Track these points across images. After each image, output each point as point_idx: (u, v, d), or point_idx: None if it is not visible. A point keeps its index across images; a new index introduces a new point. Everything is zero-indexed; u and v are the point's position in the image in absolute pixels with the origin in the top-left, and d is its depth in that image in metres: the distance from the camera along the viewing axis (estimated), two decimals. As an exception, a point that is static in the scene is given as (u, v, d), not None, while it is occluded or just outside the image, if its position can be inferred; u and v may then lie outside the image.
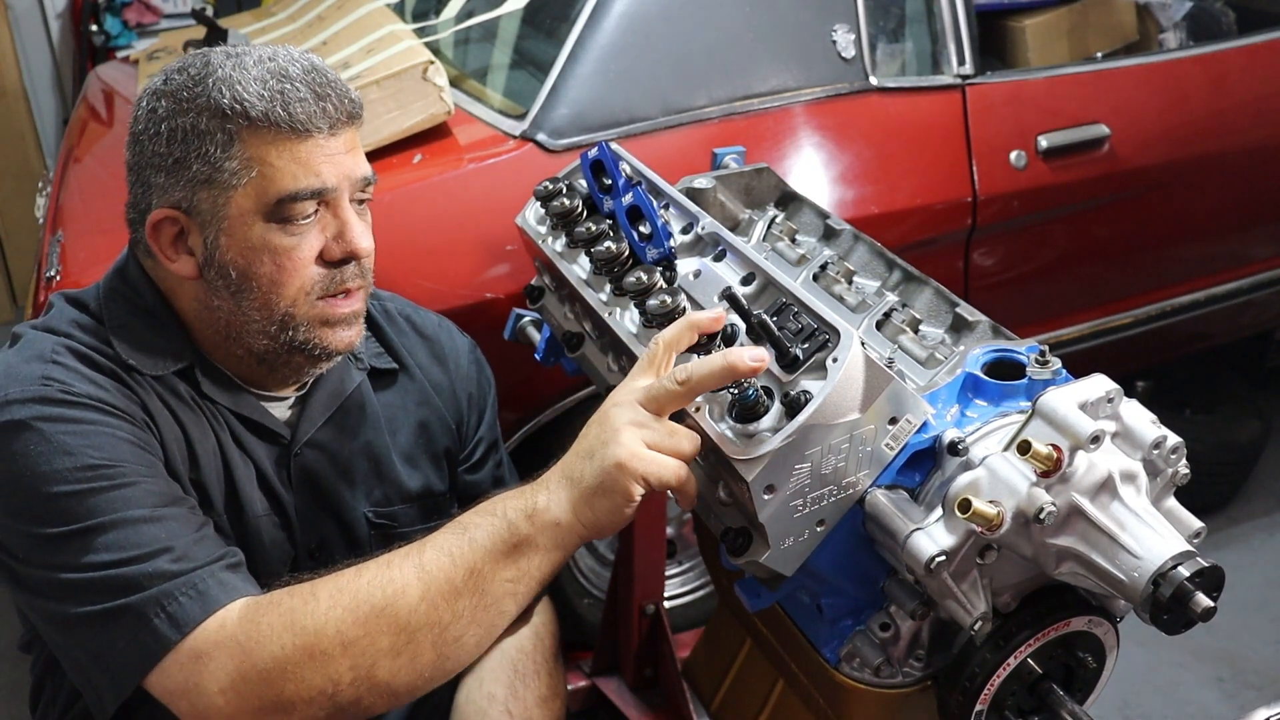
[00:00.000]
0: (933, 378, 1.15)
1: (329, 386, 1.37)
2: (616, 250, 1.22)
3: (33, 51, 4.11)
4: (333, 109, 1.20)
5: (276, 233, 1.20)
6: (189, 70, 1.21)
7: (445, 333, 1.52)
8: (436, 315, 1.54)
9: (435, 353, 1.49)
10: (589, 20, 2.05)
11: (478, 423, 1.53)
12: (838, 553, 1.06)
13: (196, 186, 1.19)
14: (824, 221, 1.46)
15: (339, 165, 1.21)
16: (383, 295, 1.51)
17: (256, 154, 1.18)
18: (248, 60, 1.20)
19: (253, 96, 1.17)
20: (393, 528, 1.41)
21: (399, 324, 1.49)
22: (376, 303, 1.47)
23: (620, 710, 2.04)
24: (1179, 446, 1.02)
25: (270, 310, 1.23)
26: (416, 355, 1.47)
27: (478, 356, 1.55)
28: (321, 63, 1.24)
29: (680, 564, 2.47)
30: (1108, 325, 2.56)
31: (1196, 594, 0.92)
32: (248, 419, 1.31)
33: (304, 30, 2.45)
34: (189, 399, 1.27)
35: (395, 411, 1.44)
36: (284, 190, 1.18)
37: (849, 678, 1.15)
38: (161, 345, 1.26)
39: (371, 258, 1.28)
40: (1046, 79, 2.41)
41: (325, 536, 1.38)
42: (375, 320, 1.45)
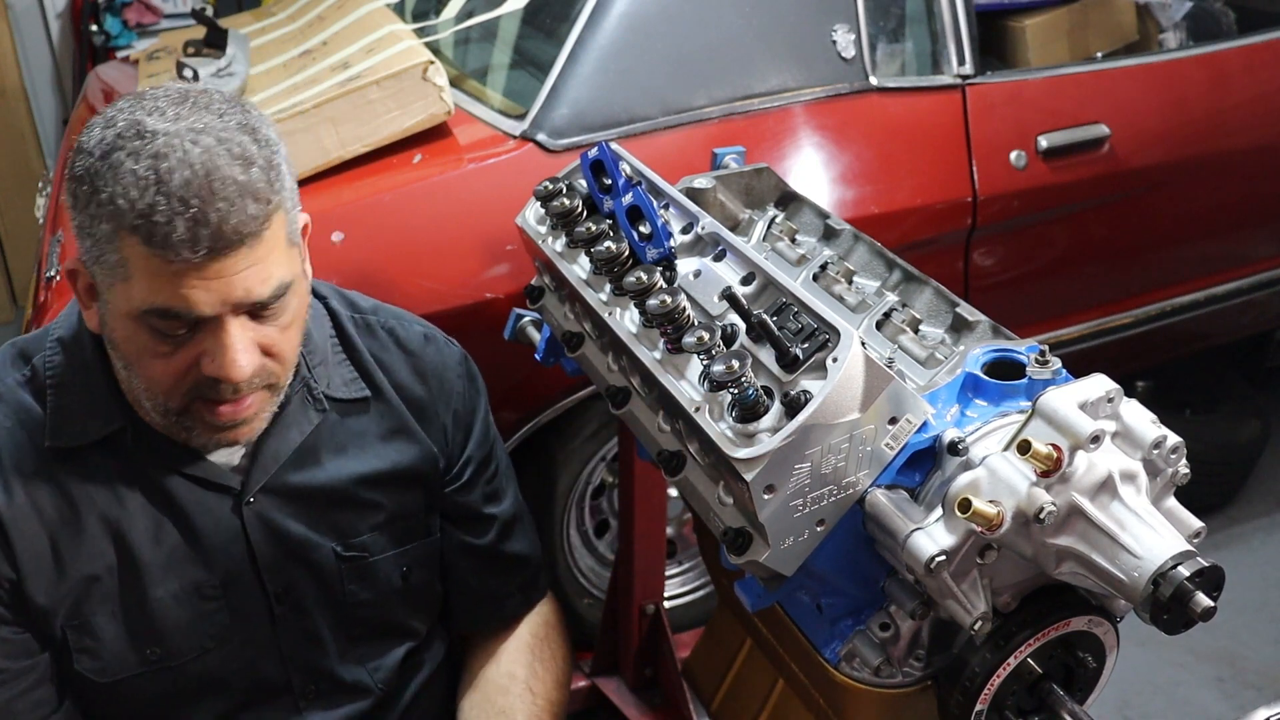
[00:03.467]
0: (933, 378, 1.15)
1: (282, 433, 1.29)
2: (616, 250, 1.22)
3: (33, 51, 4.11)
4: (210, 235, 1.05)
5: (147, 335, 1.12)
6: (106, 135, 1.09)
7: (431, 346, 1.43)
8: (424, 326, 1.46)
9: (418, 368, 1.41)
10: (589, 20, 2.05)
11: (464, 440, 1.44)
12: (838, 553, 1.06)
13: (91, 258, 1.12)
14: (824, 221, 1.46)
15: (216, 291, 1.08)
16: (364, 306, 1.42)
17: (129, 257, 1.08)
18: (149, 146, 1.06)
19: (127, 202, 1.05)
20: (364, 558, 1.36)
21: (380, 338, 1.40)
22: (357, 315, 1.40)
23: (620, 710, 2.04)
24: (1179, 446, 1.02)
25: (152, 395, 1.17)
26: (396, 373, 1.39)
27: (468, 369, 1.46)
28: (222, 167, 1.06)
29: (680, 564, 2.47)
30: (1108, 325, 2.56)
31: (1196, 594, 0.92)
32: (189, 475, 1.26)
33: (304, 30, 2.45)
34: (110, 473, 1.23)
35: (366, 440, 1.36)
36: (146, 305, 1.09)
37: (849, 678, 1.15)
38: (94, 406, 1.21)
39: (263, 364, 1.17)
40: (1046, 79, 2.41)
41: (292, 579, 1.33)
42: (351, 339, 1.37)
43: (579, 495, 2.28)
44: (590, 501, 2.33)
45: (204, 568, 1.27)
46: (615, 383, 1.27)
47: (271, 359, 1.18)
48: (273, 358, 1.18)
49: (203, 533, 1.27)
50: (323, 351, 1.34)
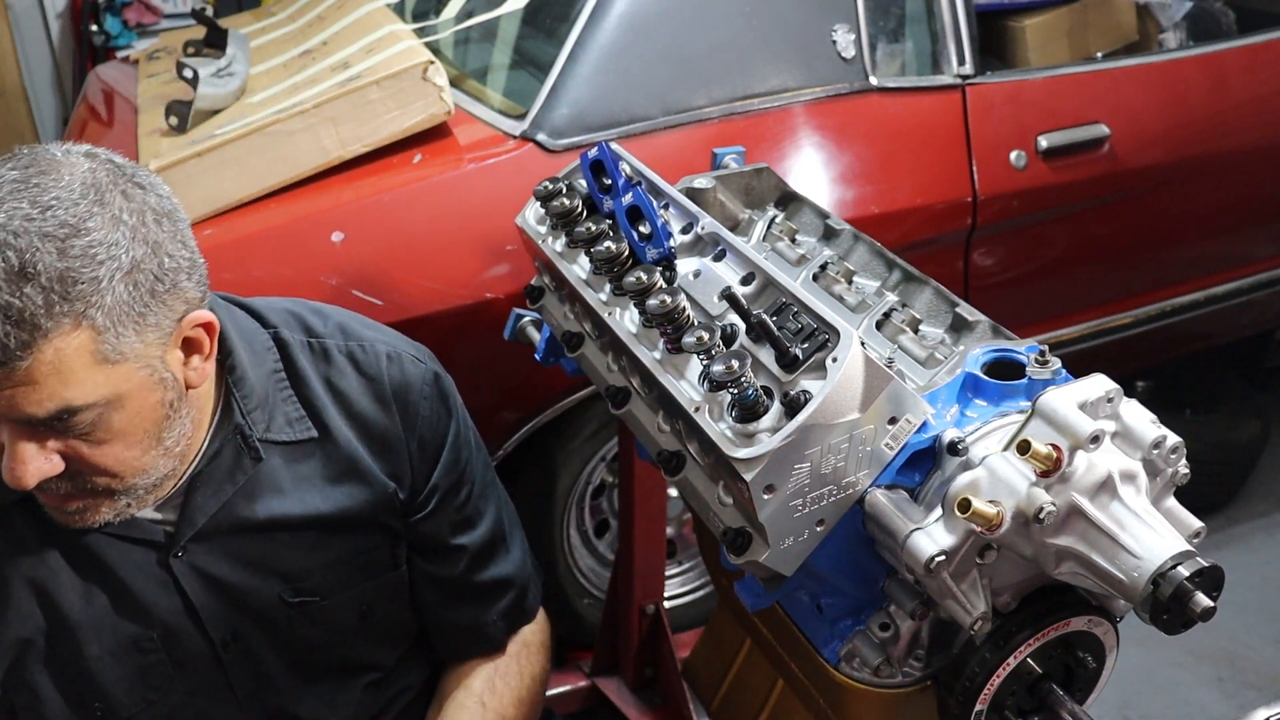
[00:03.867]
0: (932, 378, 1.15)
1: (213, 484, 1.23)
2: (616, 250, 1.22)
3: (33, 51, 4.12)
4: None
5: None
6: None
7: (395, 367, 1.33)
8: (391, 345, 1.35)
9: (379, 394, 1.31)
10: (589, 20, 2.05)
11: (430, 468, 1.34)
12: (837, 552, 1.06)
13: None
14: (824, 221, 1.46)
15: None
16: (323, 329, 1.33)
17: None
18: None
19: None
20: (315, 601, 1.31)
21: (337, 364, 1.31)
22: (314, 339, 1.32)
23: (620, 710, 2.04)
24: (1179, 446, 1.02)
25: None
26: (355, 402, 1.30)
27: (438, 389, 1.36)
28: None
29: (680, 564, 2.47)
30: (1108, 325, 2.56)
31: (1196, 594, 0.92)
32: (111, 532, 1.21)
33: (304, 30, 2.45)
34: (34, 534, 1.19)
35: (311, 483, 1.28)
36: None
37: (849, 678, 1.15)
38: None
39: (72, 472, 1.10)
40: (1046, 79, 2.41)
41: (237, 626, 1.28)
42: (301, 371, 1.29)
43: (579, 495, 2.28)
44: (590, 501, 2.33)
45: (139, 622, 1.24)
46: (615, 383, 1.27)
47: (88, 471, 1.10)
48: (89, 470, 1.10)
49: (133, 587, 1.23)
50: (262, 392, 1.26)
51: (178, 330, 1.11)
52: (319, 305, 1.38)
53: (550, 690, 2.07)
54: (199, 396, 1.19)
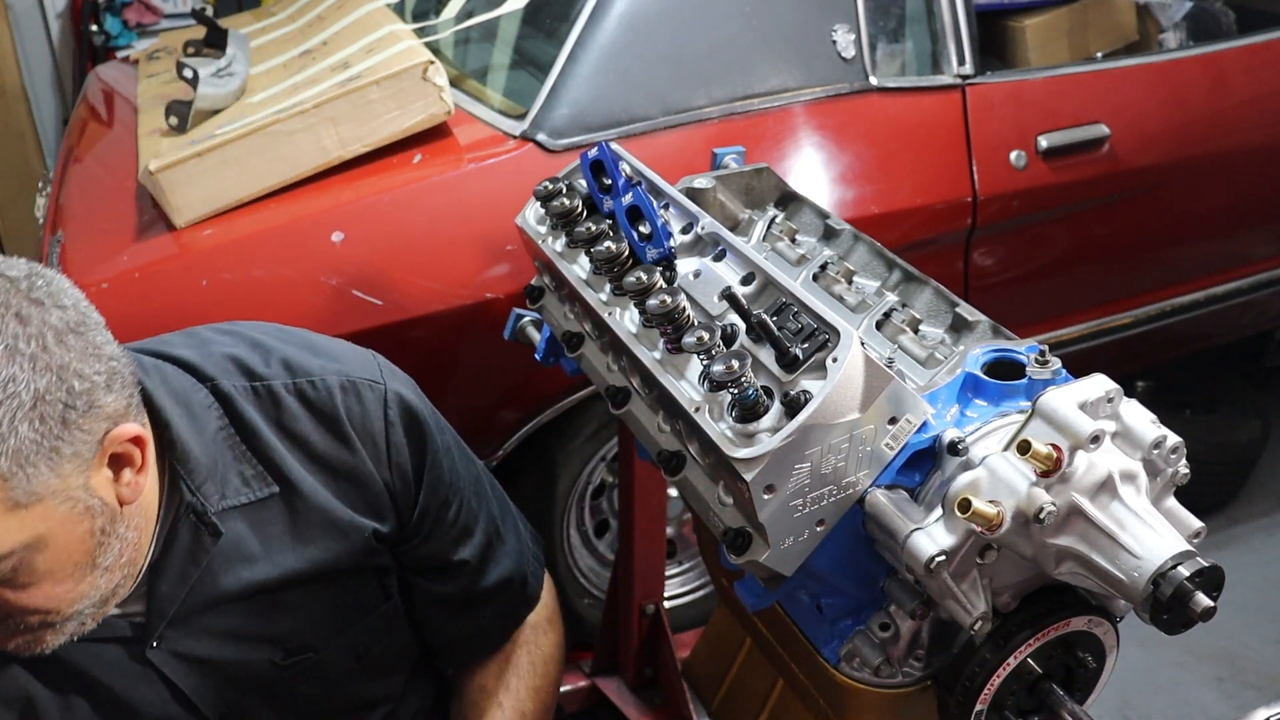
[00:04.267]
0: (932, 378, 1.15)
1: (175, 570, 1.16)
2: (616, 250, 1.22)
3: (33, 51, 4.12)
4: None
5: None
6: None
7: (351, 400, 1.23)
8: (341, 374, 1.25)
9: (339, 432, 1.22)
10: (589, 20, 2.05)
11: (414, 493, 1.27)
12: (838, 552, 1.06)
13: None
14: (824, 221, 1.46)
15: None
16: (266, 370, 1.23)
17: None
18: None
19: None
20: (309, 657, 1.26)
21: (288, 407, 1.21)
22: (259, 383, 1.22)
23: (620, 710, 2.04)
24: (1179, 446, 1.02)
25: None
26: (314, 445, 1.22)
27: (403, 410, 1.26)
28: None
29: (680, 564, 2.47)
30: (1108, 325, 2.56)
31: (1196, 594, 0.92)
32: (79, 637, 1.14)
33: (304, 30, 2.45)
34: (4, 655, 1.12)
35: (280, 541, 1.21)
36: None
37: (849, 678, 1.15)
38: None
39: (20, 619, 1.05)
40: (1046, 79, 2.41)
41: (231, 700, 1.23)
42: (250, 423, 1.20)
43: (579, 495, 2.28)
44: (590, 501, 2.33)
45: (130, 718, 1.20)
46: (615, 383, 1.27)
47: (18, 613, 1.04)
48: (18, 611, 1.04)
49: (113, 687, 1.18)
50: (210, 460, 1.17)
51: (101, 452, 1.03)
52: (259, 336, 1.28)
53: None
54: (141, 504, 1.11)
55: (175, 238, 1.91)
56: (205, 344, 1.25)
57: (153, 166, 1.89)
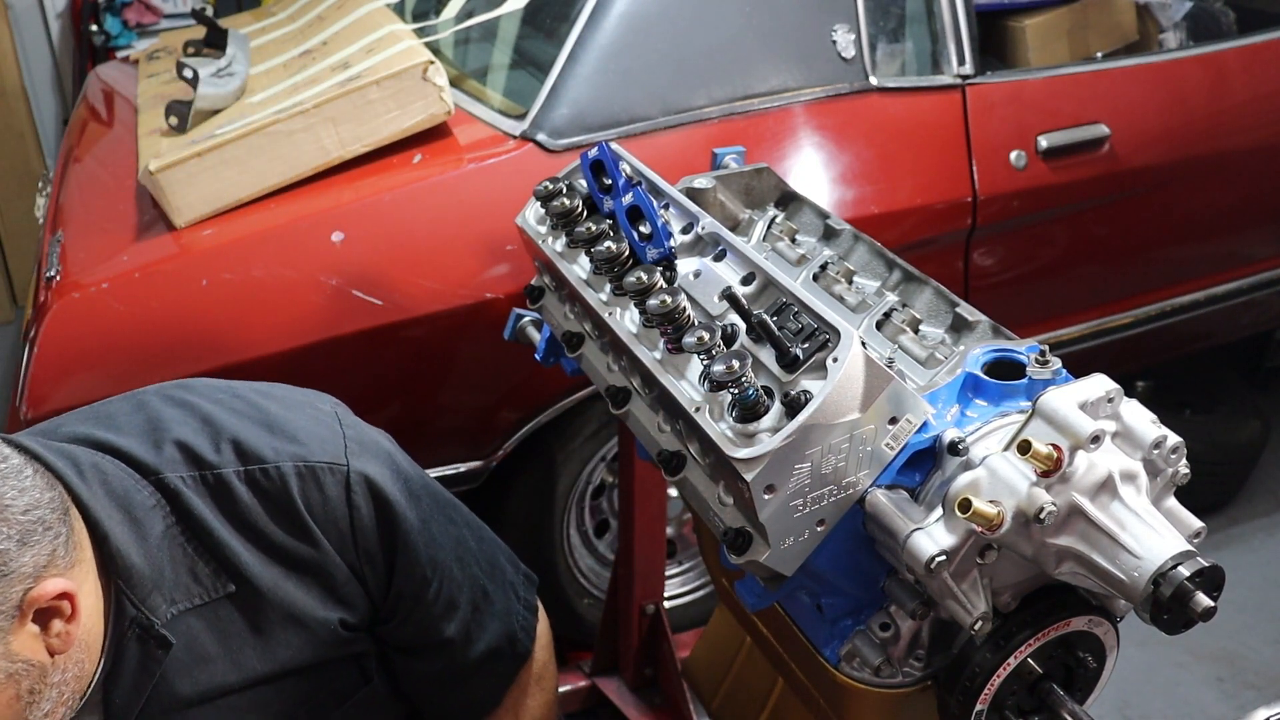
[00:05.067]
0: (933, 378, 1.15)
1: (127, 683, 1.11)
2: (616, 250, 1.22)
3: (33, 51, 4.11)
4: None
5: None
6: None
7: (310, 489, 1.16)
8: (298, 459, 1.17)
9: (298, 525, 1.16)
10: (589, 20, 2.05)
11: (386, 580, 1.21)
12: (838, 552, 1.06)
13: None
14: (824, 221, 1.46)
15: None
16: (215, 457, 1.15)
17: None
18: None
19: None
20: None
21: (241, 500, 1.14)
22: (208, 471, 1.14)
23: (620, 710, 2.05)
24: (1179, 446, 1.02)
25: None
26: (269, 537, 1.15)
27: (368, 492, 1.18)
28: None
29: (680, 564, 2.47)
30: (1108, 325, 2.56)
31: (1196, 594, 0.92)
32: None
33: (304, 30, 2.45)
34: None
35: (240, 642, 1.16)
36: None
37: (849, 678, 1.15)
38: None
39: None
40: (1046, 79, 2.41)
41: None
42: (200, 520, 1.13)
43: (579, 495, 2.28)
44: (590, 501, 2.33)
45: None
46: (615, 383, 1.27)
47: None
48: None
49: None
50: (155, 570, 1.11)
51: (20, 614, 0.97)
52: (212, 410, 1.19)
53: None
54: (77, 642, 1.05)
55: (175, 238, 1.91)
56: (153, 425, 1.17)
57: (153, 166, 1.89)
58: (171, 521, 1.13)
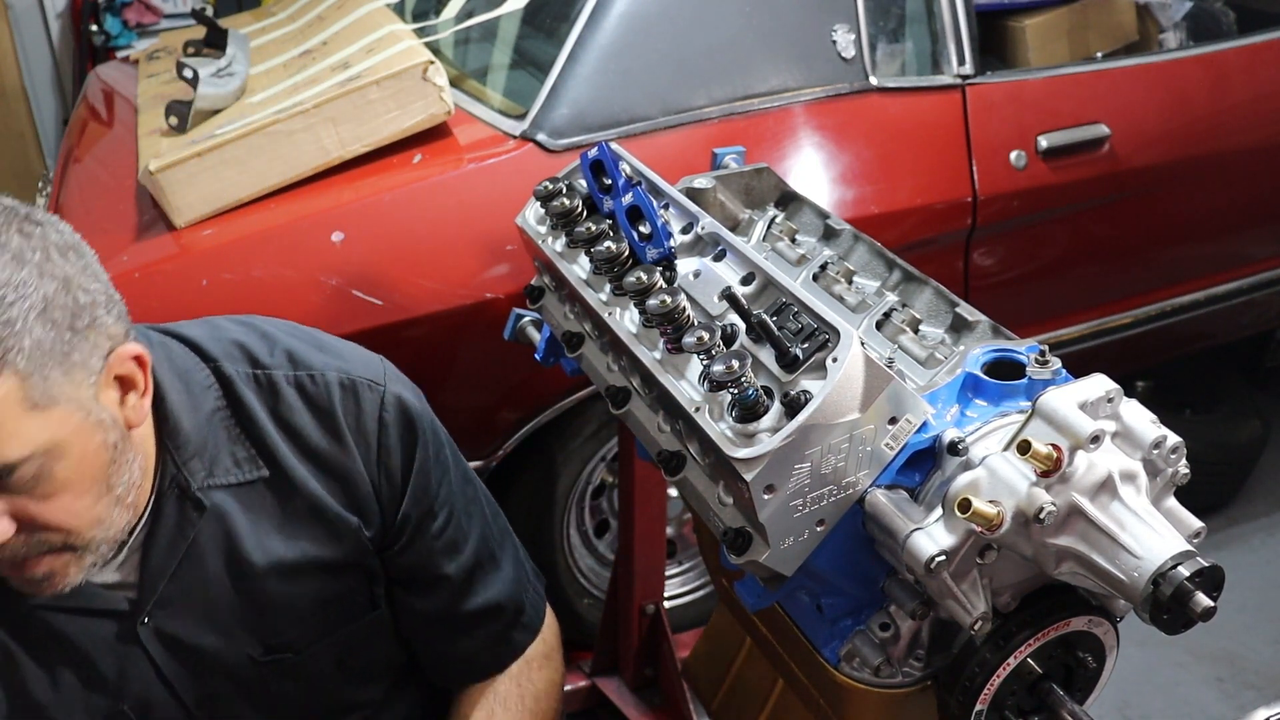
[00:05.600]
0: (933, 378, 1.15)
1: (164, 542, 1.17)
2: (616, 250, 1.22)
3: (33, 51, 4.12)
4: None
5: None
6: None
7: (349, 399, 1.24)
8: (342, 372, 1.25)
9: (333, 428, 1.23)
10: (589, 20, 2.05)
11: (399, 497, 1.26)
12: (838, 552, 1.06)
13: None
14: (824, 221, 1.46)
15: None
16: (270, 359, 1.24)
17: None
18: None
19: None
20: (288, 657, 1.26)
21: (286, 398, 1.22)
22: (260, 370, 1.23)
23: (620, 710, 2.05)
24: (1179, 446, 1.02)
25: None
26: (308, 438, 1.22)
27: (400, 414, 1.26)
28: None
29: (680, 564, 2.47)
30: (1108, 325, 2.56)
31: (1196, 594, 0.92)
32: (71, 607, 1.16)
33: (304, 30, 2.45)
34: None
35: (268, 528, 1.22)
36: None
37: (849, 678, 1.15)
38: None
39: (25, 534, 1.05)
40: (1046, 79, 2.41)
41: (209, 690, 1.23)
42: (247, 406, 1.21)
43: (579, 495, 2.28)
44: (590, 501, 2.33)
45: (111, 696, 1.20)
46: (615, 383, 1.27)
47: (43, 530, 1.05)
48: (43, 528, 1.05)
49: (101, 664, 1.18)
50: (201, 436, 1.19)
51: (107, 368, 1.05)
52: (267, 328, 1.29)
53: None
54: (143, 440, 1.13)
55: (175, 238, 1.91)
56: (215, 329, 1.27)
57: (153, 166, 1.89)
58: (222, 404, 1.21)
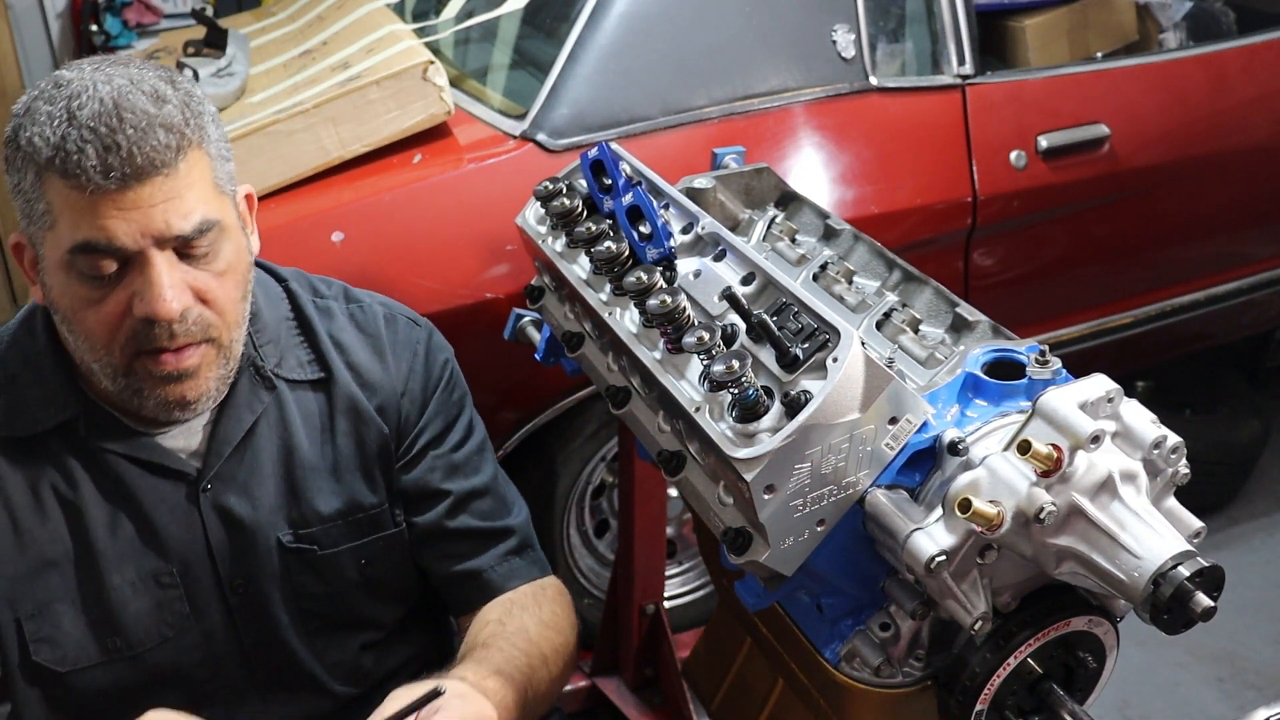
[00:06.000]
0: (933, 378, 1.15)
1: (233, 415, 1.28)
2: (616, 250, 1.22)
3: (33, 51, 4.11)
4: (120, 162, 1.07)
5: (79, 284, 1.13)
6: (28, 96, 1.13)
7: (391, 328, 1.40)
8: (388, 309, 1.42)
9: (377, 348, 1.38)
10: (589, 20, 2.05)
11: (419, 412, 1.39)
12: (838, 552, 1.06)
13: (25, 218, 1.15)
14: (824, 221, 1.46)
15: (134, 221, 1.09)
16: (327, 292, 1.41)
17: (52, 200, 1.10)
18: (63, 91, 1.10)
19: (40, 140, 1.09)
20: (313, 551, 1.33)
21: (338, 321, 1.38)
22: (319, 299, 1.39)
23: (620, 710, 2.05)
24: (1179, 446, 1.02)
25: (96, 355, 1.16)
26: (353, 353, 1.37)
27: (430, 348, 1.41)
28: (137, 95, 1.10)
29: (680, 564, 2.47)
30: (1108, 325, 2.56)
31: (1196, 594, 0.92)
32: (145, 461, 1.25)
33: (304, 30, 2.45)
34: (66, 462, 1.23)
35: (319, 424, 1.34)
36: (70, 243, 1.10)
37: (849, 678, 1.15)
38: (47, 396, 1.23)
39: (198, 309, 1.16)
40: (1046, 79, 2.41)
41: (247, 569, 1.30)
42: (309, 320, 1.36)
43: (579, 495, 2.28)
44: (590, 501, 2.33)
45: (161, 556, 1.27)
46: (615, 383, 1.27)
47: (208, 307, 1.17)
48: (209, 305, 1.17)
49: (158, 521, 1.26)
50: (274, 331, 1.33)
51: (237, 191, 1.23)
52: (323, 276, 1.45)
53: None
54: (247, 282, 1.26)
55: (175, 238, 1.91)
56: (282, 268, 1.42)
57: (153, 166, 1.88)
58: (290, 313, 1.36)
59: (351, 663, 1.39)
